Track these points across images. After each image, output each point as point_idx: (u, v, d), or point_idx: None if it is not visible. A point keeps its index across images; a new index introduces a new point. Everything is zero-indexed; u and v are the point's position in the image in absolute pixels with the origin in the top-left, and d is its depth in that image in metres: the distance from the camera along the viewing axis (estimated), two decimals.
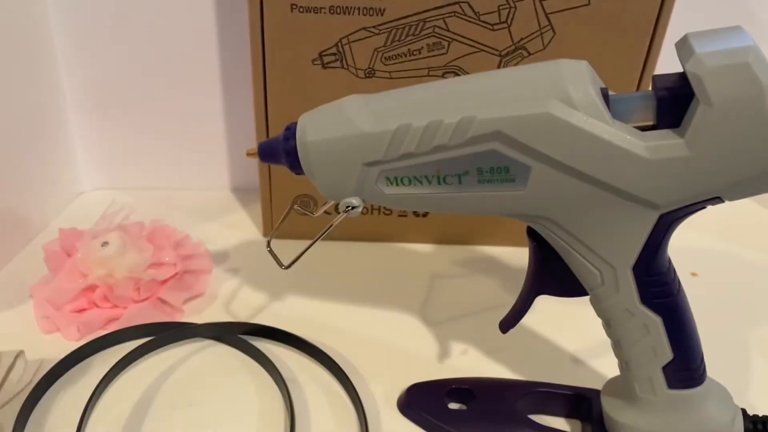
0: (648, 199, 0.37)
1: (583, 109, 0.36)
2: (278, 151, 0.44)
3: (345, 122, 0.41)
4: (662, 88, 0.37)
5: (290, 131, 0.43)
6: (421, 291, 0.66)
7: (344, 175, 0.42)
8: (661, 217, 0.38)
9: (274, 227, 0.69)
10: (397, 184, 0.41)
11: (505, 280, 0.67)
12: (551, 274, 0.44)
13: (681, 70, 0.36)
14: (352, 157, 0.41)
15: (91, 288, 0.59)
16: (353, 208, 0.42)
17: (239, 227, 0.76)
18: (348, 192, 0.42)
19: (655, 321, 0.41)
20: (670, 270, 0.41)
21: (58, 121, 0.77)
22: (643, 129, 0.37)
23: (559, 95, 0.36)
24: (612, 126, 0.36)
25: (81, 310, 0.59)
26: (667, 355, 0.41)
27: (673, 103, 0.36)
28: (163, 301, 0.60)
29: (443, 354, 0.57)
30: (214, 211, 0.80)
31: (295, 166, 0.43)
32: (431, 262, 0.71)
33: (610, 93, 0.38)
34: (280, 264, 0.48)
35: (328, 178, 0.42)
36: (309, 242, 0.48)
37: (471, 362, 0.56)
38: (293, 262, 0.48)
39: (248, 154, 0.46)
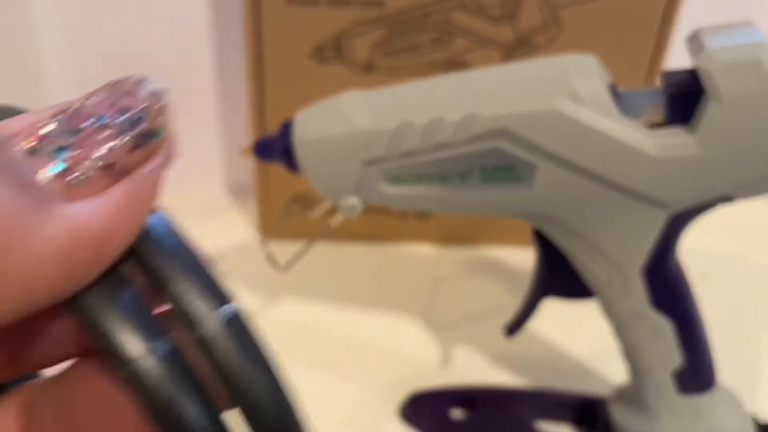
0: (657, 198, 0.36)
1: (590, 106, 0.35)
2: (274, 149, 0.43)
3: (343, 119, 0.40)
4: (672, 84, 0.36)
5: (287, 129, 0.42)
6: (423, 293, 0.65)
7: (343, 174, 0.41)
8: (671, 216, 0.37)
9: (272, 227, 0.68)
10: (398, 184, 0.40)
11: (511, 282, 0.66)
12: (558, 276, 0.43)
13: (691, 65, 0.35)
14: (351, 156, 0.40)
15: None
16: (353, 208, 0.42)
17: (237, 227, 0.76)
18: (347, 191, 0.41)
19: (665, 325, 0.40)
20: (681, 272, 0.41)
21: None
22: (653, 126, 0.36)
23: (567, 91, 0.36)
24: (620, 123, 0.35)
25: None
26: (677, 360, 0.41)
27: (683, 99, 0.35)
28: None
29: (446, 358, 0.57)
30: (211, 211, 0.79)
31: (292, 164, 0.42)
32: (432, 262, 0.70)
33: (619, 89, 0.37)
34: (278, 265, 0.47)
35: (327, 177, 0.41)
36: (307, 243, 0.47)
37: (475, 367, 0.56)
38: (291, 263, 0.47)
39: (243, 153, 0.45)
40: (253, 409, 0.17)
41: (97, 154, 0.14)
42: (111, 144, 0.14)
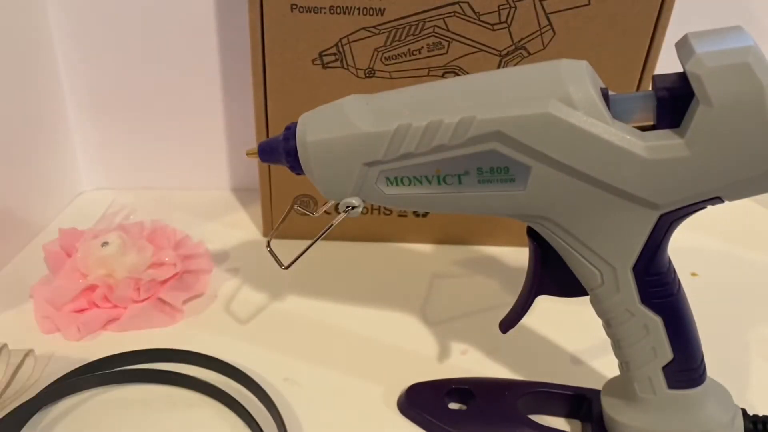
0: (647, 199, 0.37)
1: (582, 109, 0.36)
2: (278, 151, 0.43)
3: (345, 122, 0.41)
4: (662, 88, 0.37)
5: (290, 131, 0.43)
6: (421, 291, 0.66)
7: (344, 175, 0.41)
8: (661, 217, 0.38)
9: (274, 227, 0.69)
10: (397, 184, 0.41)
11: (505, 280, 0.67)
12: (551, 274, 0.43)
13: (681, 70, 0.36)
14: (352, 157, 0.41)
15: (91, 288, 0.60)
16: (353, 208, 0.42)
17: (239, 227, 0.76)
18: (348, 192, 0.42)
19: (656, 321, 0.41)
20: (670, 270, 0.41)
21: (58, 121, 0.77)
22: (643, 129, 0.37)
23: (559, 95, 0.36)
24: (612, 126, 0.36)
25: (81, 310, 0.59)
26: (667, 355, 0.41)
27: (673, 103, 0.36)
28: (163, 302, 0.60)
29: (443, 354, 0.57)
30: (214, 211, 0.79)
31: (295, 166, 0.43)
32: (431, 262, 0.71)
33: (610, 93, 0.38)
34: (280, 264, 0.48)
35: (328, 178, 0.42)
36: (309, 242, 0.48)
37: (471, 362, 0.56)
38: (293, 262, 0.48)
39: (248, 154, 0.46)
40: None
41: None
42: None
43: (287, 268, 0.48)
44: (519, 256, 0.71)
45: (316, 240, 0.47)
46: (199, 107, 0.79)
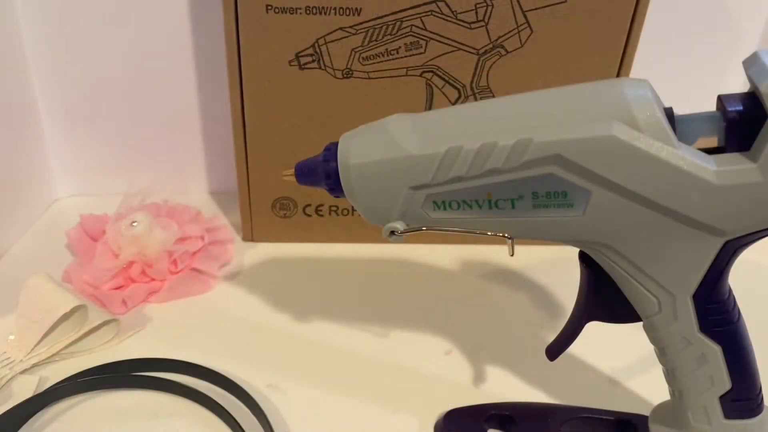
0: (715, 225, 0.36)
1: (648, 132, 0.34)
2: (318, 173, 0.41)
3: (390, 144, 0.39)
4: (732, 110, 0.35)
5: (330, 152, 0.40)
6: (422, 291, 0.66)
7: (389, 199, 0.39)
8: (725, 243, 0.37)
9: (258, 231, 0.68)
10: (445, 209, 0.39)
11: (506, 281, 0.68)
12: (604, 301, 0.42)
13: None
14: (398, 181, 0.39)
15: (128, 265, 0.63)
16: (397, 233, 0.40)
17: (228, 232, 0.73)
18: (393, 216, 0.40)
19: (714, 350, 0.39)
20: (731, 297, 0.40)
21: (32, 128, 0.75)
22: (708, 151, 0.35)
23: (624, 117, 0.35)
24: (679, 150, 0.34)
25: (119, 287, 0.62)
26: (725, 384, 0.40)
27: (744, 125, 0.35)
28: (198, 270, 0.64)
29: (443, 354, 0.57)
30: (211, 212, 0.77)
31: (336, 188, 0.41)
32: (431, 262, 0.70)
33: (675, 113, 0.36)
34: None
35: (372, 202, 0.40)
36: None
37: (470, 362, 0.56)
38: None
39: (284, 176, 0.44)
40: None
41: None
42: None
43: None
44: (519, 255, 0.70)
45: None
46: (181, 110, 0.77)
